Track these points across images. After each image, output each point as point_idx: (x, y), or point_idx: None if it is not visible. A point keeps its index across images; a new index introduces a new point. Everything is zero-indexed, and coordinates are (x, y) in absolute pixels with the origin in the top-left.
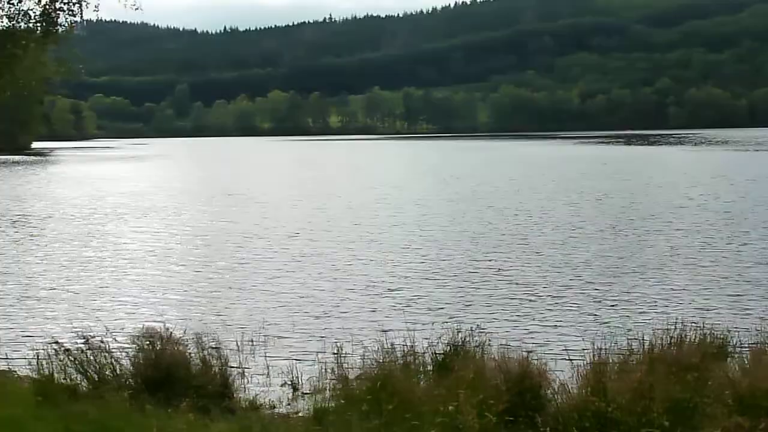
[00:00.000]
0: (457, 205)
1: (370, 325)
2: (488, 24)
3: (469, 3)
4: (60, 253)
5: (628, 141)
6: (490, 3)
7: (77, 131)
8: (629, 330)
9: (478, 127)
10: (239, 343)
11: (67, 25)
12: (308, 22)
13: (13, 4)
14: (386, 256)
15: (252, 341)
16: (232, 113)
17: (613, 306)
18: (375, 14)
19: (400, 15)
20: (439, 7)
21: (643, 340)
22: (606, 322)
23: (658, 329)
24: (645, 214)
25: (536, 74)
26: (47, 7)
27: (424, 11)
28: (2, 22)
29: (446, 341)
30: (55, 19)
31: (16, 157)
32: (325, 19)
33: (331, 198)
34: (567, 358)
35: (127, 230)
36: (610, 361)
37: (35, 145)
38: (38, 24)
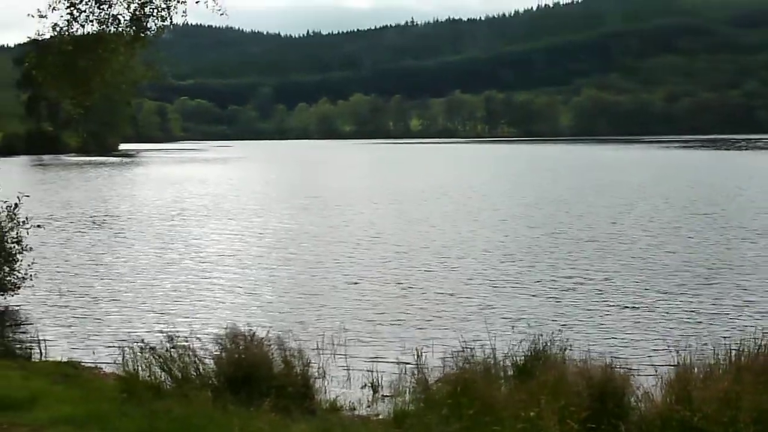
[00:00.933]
0: (540, 210)
1: (450, 330)
2: (571, 26)
3: (551, 5)
4: (145, 254)
5: (715, 145)
6: (573, 5)
7: (163, 133)
8: (715, 338)
9: (560, 131)
10: (320, 345)
11: (156, 29)
12: (390, 25)
13: (103, 9)
14: (467, 261)
15: (333, 343)
16: (314, 116)
17: (698, 313)
18: (456, 17)
19: (482, 18)
20: (521, 10)
21: (729, 348)
22: (691, 330)
23: (744, 337)
24: (732, 220)
25: (620, 77)
26: (137, 12)
27: (506, 14)
28: (93, 26)
29: (527, 346)
30: (144, 23)
31: (104, 159)
32: (406, 22)
33: (412, 201)
34: (650, 365)
35: (210, 232)
36: (695, 369)
37: (123, 146)
38: (128, 28)
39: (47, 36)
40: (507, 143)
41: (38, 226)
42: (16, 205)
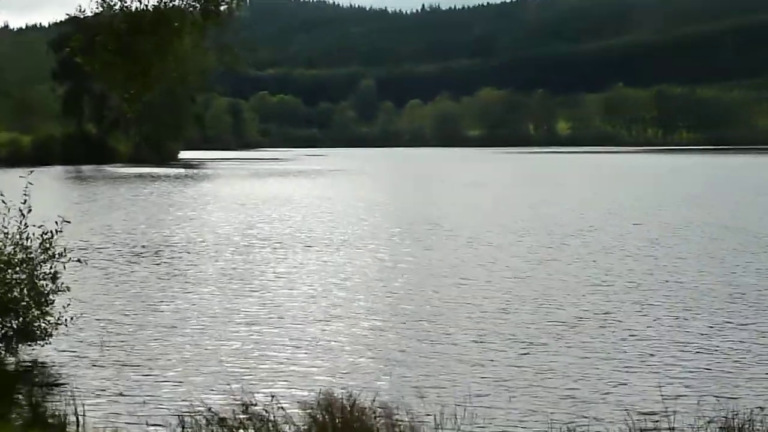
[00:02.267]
0: (723, 242)
1: (616, 403)
2: None
3: None
4: (210, 296)
5: None
6: None
7: (236, 137)
8: None
9: (759, 137)
10: (440, 420)
11: (230, 3)
12: None
13: None
14: (630, 305)
15: (455, 416)
16: (430, 117)
17: None
18: None
19: None
20: None
21: None
22: None
23: None
24: None
25: None
26: None
27: None
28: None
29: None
30: None
31: (161, 170)
32: None
33: (562, 231)
34: None
35: (295, 268)
36: None
37: (184, 154)
38: (196, 2)
39: (94, 12)
40: (688, 153)
41: (78, 260)
42: (53, 233)
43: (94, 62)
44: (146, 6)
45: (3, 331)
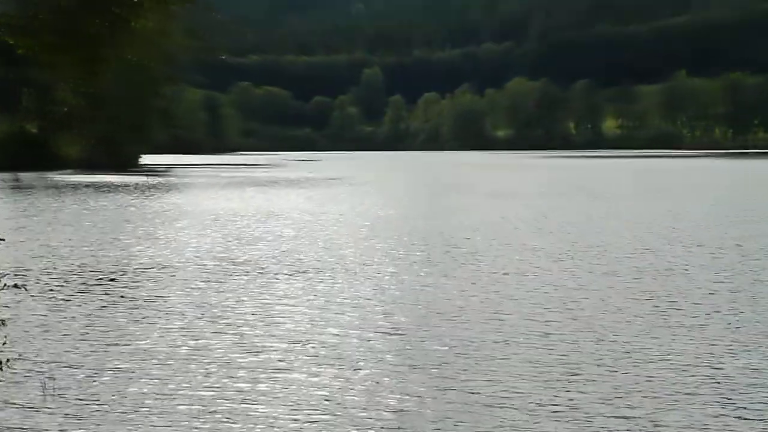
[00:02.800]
0: None
1: None
2: None
3: None
4: (175, 332)
5: None
6: None
7: (212, 138)
8: None
9: None
10: None
11: None
12: None
13: None
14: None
15: None
16: (448, 114)
17: None
18: None
19: None
20: None
21: None
22: None
23: None
24: None
25: None
26: None
27: None
28: None
29: None
30: None
31: (118, 179)
32: None
33: (615, 255)
34: None
35: (278, 300)
36: None
37: (148, 159)
38: None
39: None
40: (765, 157)
41: (16, 285)
42: None
43: (33, 45)
44: None
45: None
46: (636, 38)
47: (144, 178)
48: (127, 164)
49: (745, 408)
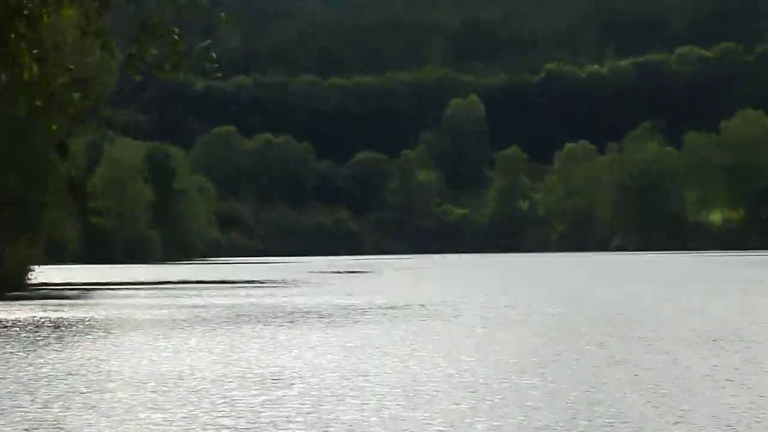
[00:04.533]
0: None
1: None
2: None
3: None
4: None
5: None
6: None
7: (164, 232)
8: None
9: None
10: None
11: None
12: None
13: None
14: None
15: None
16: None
17: None
18: None
19: None
20: None
21: None
22: None
23: None
24: None
25: None
26: None
27: None
28: None
29: None
30: None
31: None
32: None
33: None
34: None
35: None
36: None
37: (46, 274)
38: None
39: None
40: None
41: None
42: None
43: None
44: None
45: None
46: None
47: (31, 314)
48: (6, 285)
49: None
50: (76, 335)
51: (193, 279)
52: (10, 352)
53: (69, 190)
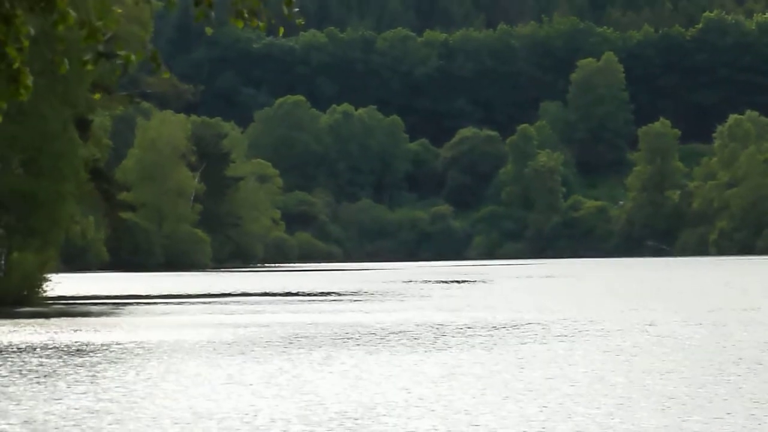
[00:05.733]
0: None
1: None
2: None
3: None
4: None
5: None
6: None
7: (214, 231)
8: None
9: None
10: None
11: None
12: None
13: None
14: None
15: None
16: None
17: None
18: None
19: None
20: None
21: None
22: None
23: None
24: None
25: None
26: None
27: None
28: None
29: None
30: None
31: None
32: None
33: None
34: None
35: None
36: None
37: (65, 284)
38: None
39: None
40: None
41: None
42: None
43: None
44: None
45: None
46: None
47: (45, 336)
48: (14, 299)
49: None
50: (101, 363)
51: (251, 291)
52: (17, 386)
53: (92, 179)
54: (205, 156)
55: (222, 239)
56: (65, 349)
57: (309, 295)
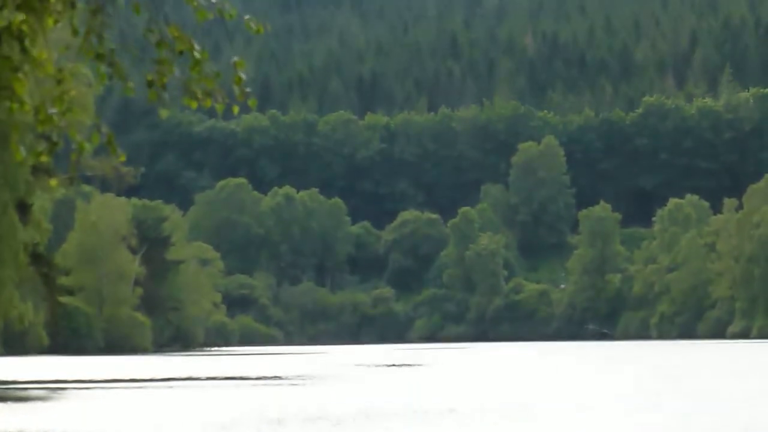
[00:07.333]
0: None
1: None
2: None
3: None
4: None
5: None
6: None
7: (160, 313)
8: None
9: None
10: None
11: None
12: None
13: None
14: None
15: None
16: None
17: None
18: None
19: None
20: None
21: None
22: None
23: None
24: None
25: None
26: None
27: None
28: None
29: None
30: None
31: None
32: None
33: None
34: None
35: None
36: None
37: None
38: None
39: None
40: None
41: None
42: None
43: None
44: None
45: None
46: None
47: None
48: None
49: None
50: None
51: (192, 375)
52: None
53: (32, 263)
54: (146, 239)
55: (162, 323)
56: None
57: (248, 378)
